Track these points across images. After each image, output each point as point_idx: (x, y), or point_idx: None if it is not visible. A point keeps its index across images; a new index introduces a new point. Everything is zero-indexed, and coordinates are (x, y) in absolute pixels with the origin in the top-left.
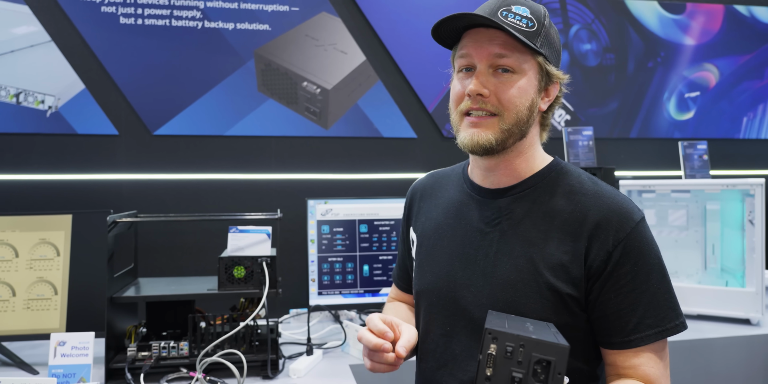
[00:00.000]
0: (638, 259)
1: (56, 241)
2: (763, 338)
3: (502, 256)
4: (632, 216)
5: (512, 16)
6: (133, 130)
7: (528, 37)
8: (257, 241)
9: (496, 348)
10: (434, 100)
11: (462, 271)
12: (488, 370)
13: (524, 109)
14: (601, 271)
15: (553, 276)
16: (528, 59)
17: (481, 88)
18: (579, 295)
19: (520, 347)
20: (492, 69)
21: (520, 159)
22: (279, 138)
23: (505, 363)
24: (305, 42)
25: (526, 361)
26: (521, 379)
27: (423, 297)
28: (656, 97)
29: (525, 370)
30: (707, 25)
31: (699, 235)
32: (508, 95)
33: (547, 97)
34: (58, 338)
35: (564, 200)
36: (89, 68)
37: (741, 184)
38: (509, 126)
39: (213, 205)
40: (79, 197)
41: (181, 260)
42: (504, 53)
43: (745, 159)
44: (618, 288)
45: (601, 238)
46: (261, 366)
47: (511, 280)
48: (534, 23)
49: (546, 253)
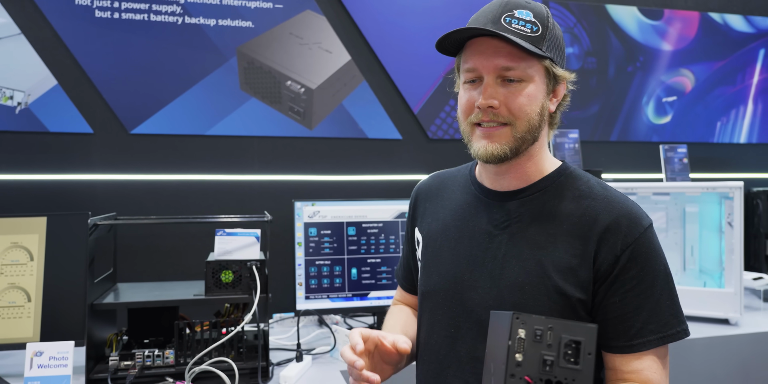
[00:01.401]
0: (645, 264)
1: (29, 244)
2: (742, 338)
3: (510, 258)
4: (641, 221)
5: (516, 21)
6: (108, 128)
7: (533, 43)
8: (245, 244)
9: (525, 332)
10: (419, 101)
11: (469, 273)
12: (518, 355)
13: (535, 116)
14: (607, 275)
15: (562, 279)
16: (534, 65)
17: (491, 100)
18: (587, 299)
19: (549, 330)
20: (500, 79)
21: (531, 162)
22: (262, 138)
23: (535, 347)
24: (289, 40)
25: (555, 343)
26: (553, 361)
27: (428, 298)
28: (635, 101)
29: (555, 353)
30: (684, 31)
31: (678, 237)
32: (517, 104)
33: (555, 98)
34: (35, 348)
35: (573, 204)
36: (62, 63)
37: (721, 187)
38: (522, 134)
39: (194, 207)
40: (51, 199)
41: (159, 265)
42: (511, 66)
43: (718, 162)
44: (623, 292)
45: (610, 242)
46: (250, 374)
47: (519, 283)
48: (538, 27)
49: (555, 256)
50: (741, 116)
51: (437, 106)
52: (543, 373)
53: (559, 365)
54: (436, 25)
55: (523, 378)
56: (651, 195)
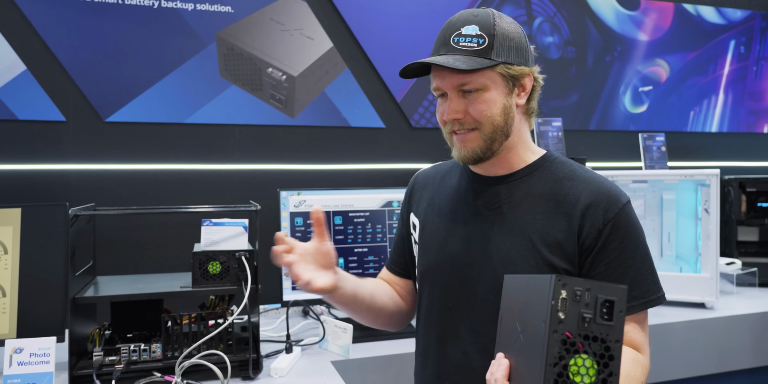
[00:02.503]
0: (625, 236)
1: (3, 237)
2: (718, 321)
3: (502, 235)
4: (620, 198)
5: (463, 39)
6: (82, 116)
7: (481, 55)
8: (233, 234)
9: (566, 293)
10: (402, 90)
11: (465, 251)
12: (560, 313)
13: (497, 117)
14: (592, 248)
15: (550, 252)
16: (486, 73)
17: (454, 114)
18: (573, 270)
19: (587, 290)
20: (461, 92)
21: (512, 153)
22: (243, 126)
23: (574, 306)
24: (270, 26)
25: (592, 302)
26: (591, 318)
27: (427, 276)
28: (613, 90)
29: (593, 311)
30: (659, 21)
31: (656, 223)
32: (478, 110)
33: (524, 91)
34: (14, 345)
35: (557, 185)
36: (31, 48)
37: (698, 174)
38: (489, 134)
39: (173, 197)
40: (22, 190)
41: (138, 257)
42: (464, 81)
43: (691, 151)
44: (607, 262)
45: (592, 218)
46: (240, 366)
47: (511, 257)
48: (485, 38)
49: (543, 232)
50: (713, 106)
51: (420, 95)
52: (581, 330)
53: (595, 322)
54: (419, 13)
55: (564, 333)
56: (630, 183)
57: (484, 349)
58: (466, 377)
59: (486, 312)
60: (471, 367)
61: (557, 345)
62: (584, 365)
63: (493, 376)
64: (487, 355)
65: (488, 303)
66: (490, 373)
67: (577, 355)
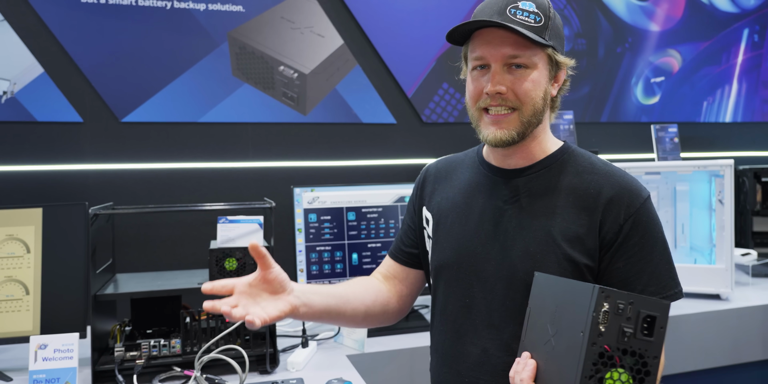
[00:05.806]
0: (645, 232)
1: (25, 236)
2: (733, 312)
3: (521, 229)
4: (641, 193)
5: (520, 13)
6: (98, 117)
7: (537, 33)
8: (249, 231)
9: (609, 305)
10: (413, 85)
11: (482, 246)
12: (601, 325)
13: (539, 100)
14: (612, 242)
15: (570, 247)
16: (538, 52)
17: (499, 87)
18: (593, 265)
19: (630, 304)
20: (506, 67)
21: (535, 142)
22: (255, 124)
23: (615, 319)
24: (281, 24)
25: (633, 316)
26: (631, 333)
27: (442, 271)
28: (624, 81)
29: (634, 325)
30: (671, 11)
31: (669, 215)
32: (524, 89)
33: (557, 83)
34: (39, 341)
35: (577, 178)
36: (48, 50)
37: (712, 165)
38: (528, 118)
39: (189, 195)
40: (42, 190)
41: (155, 255)
42: (516, 54)
43: (704, 142)
44: (627, 258)
45: (613, 213)
46: (257, 361)
47: (530, 252)
48: (541, 17)
49: (562, 226)
50: (726, 96)
51: (431, 90)
52: (620, 344)
53: (635, 337)
54: (428, 8)
55: (602, 346)
56: (643, 175)
57: (504, 346)
58: (487, 374)
59: (505, 308)
60: (491, 363)
61: (594, 357)
62: (620, 379)
63: (519, 375)
64: (508, 352)
65: (507, 299)
66: (515, 372)
67: (613, 369)
